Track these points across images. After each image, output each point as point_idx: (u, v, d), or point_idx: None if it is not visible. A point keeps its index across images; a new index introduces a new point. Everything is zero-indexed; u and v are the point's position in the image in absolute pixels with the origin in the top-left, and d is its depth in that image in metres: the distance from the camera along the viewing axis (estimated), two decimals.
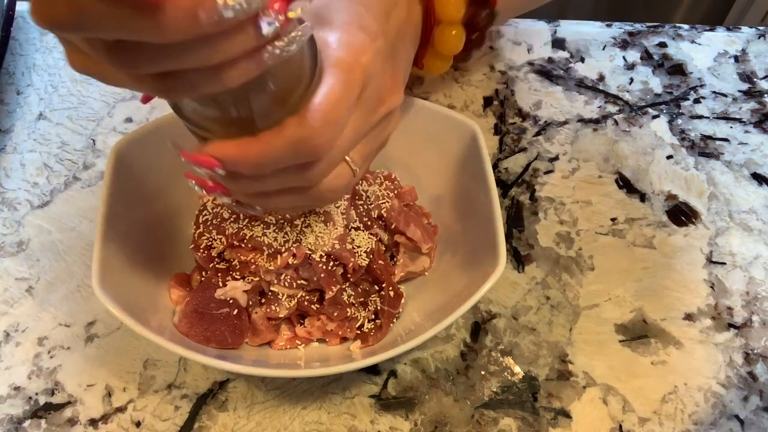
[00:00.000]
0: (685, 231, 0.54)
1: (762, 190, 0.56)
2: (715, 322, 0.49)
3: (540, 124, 0.60)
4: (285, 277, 0.44)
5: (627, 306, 0.50)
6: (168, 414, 0.44)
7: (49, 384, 0.45)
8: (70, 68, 0.61)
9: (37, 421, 0.44)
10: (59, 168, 0.56)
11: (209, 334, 0.43)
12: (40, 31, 0.64)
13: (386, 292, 0.45)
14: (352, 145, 0.33)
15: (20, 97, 0.60)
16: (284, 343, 0.45)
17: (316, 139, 0.29)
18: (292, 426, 0.44)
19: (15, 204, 0.53)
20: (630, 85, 0.63)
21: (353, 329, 0.45)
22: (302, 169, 0.31)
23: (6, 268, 0.50)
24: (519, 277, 0.51)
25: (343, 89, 0.30)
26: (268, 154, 0.29)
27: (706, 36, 0.67)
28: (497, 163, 0.57)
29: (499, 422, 0.45)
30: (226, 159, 0.29)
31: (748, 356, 0.48)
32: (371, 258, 0.45)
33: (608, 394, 0.46)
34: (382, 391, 0.46)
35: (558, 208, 0.55)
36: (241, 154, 0.29)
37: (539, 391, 0.46)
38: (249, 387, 0.46)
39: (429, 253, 0.48)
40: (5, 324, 0.48)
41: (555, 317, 0.49)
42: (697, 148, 0.59)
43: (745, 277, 0.52)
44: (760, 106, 0.62)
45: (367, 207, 0.47)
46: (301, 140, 0.29)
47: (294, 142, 0.29)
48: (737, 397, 0.46)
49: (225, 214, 0.45)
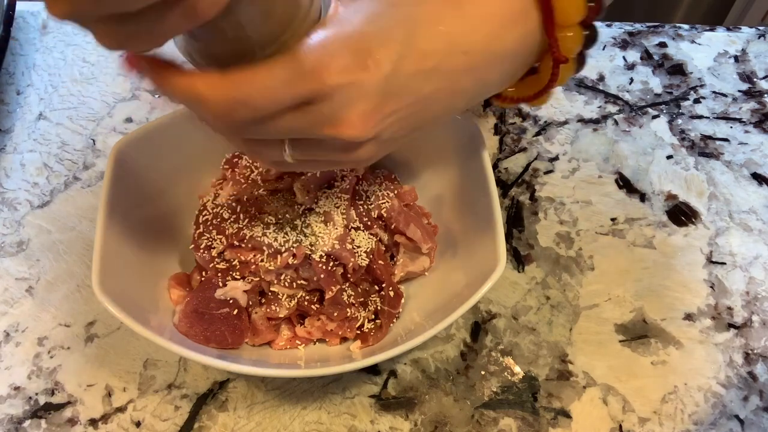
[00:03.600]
0: (685, 231, 0.54)
1: (762, 190, 0.56)
2: (715, 322, 0.49)
3: (540, 124, 0.60)
4: (285, 277, 0.44)
5: (627, 306, 0.50)
6: (168, 414, 0.44)
7: (49, 384, 0.45)
8: (70, 68, 0.62)
9: (37, 421, 0.44)
10: (59, 168, 0.56)
11: (209, 334, 0.43)
12: (40, 31, 0.64)
13: (386, 292, 0.45)
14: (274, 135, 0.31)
15: (20, 97, 0.60)
16: (284, 343, 0.45)
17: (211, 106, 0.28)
18: (292, 426, 0.44)
19: (15, 204, 0.53)
20: (630, 85, 0.63)
21: (353, 329, 0.45)
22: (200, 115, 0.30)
23: (6, 268, 0.50)
24: (519, 277, 0.51)
25: (279, 84, 0.28)
26: (164, 88, 0.29)
27: (706, 36, 0.67)
28: (497, 163, 0.57)
29: (499, 422, 0.45)
30: (145, 70, 0.29)
31: (748, 356, 0.48)
32: (371, 258, 0.45)
33: (608, 394, 0.46)
34: (382, 391, 0.46)
35: (558, 208, 0.55)
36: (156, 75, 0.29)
37: (539, 391, 0.46)
38: (249, 387, 0.46)
39: (429, 253, 0.48)
40: (5, 324, 0.48)
41: (555, 317, 0.49)
42: (697, 148, 0.59)
43: (745, 277, 0.52)
44: (760, 106, 0.62)
45: (367, 207, 0.47)
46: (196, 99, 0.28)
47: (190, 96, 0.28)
48: (737, 397, 0.46)
49: (225, 214, 0.45)
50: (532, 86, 0.39)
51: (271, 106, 0.29)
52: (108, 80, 0.61)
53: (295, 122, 0.30)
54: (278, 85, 0.28)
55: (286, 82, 0.28)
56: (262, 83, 0.28)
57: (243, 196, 0.46)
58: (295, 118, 0.30)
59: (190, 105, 0.29)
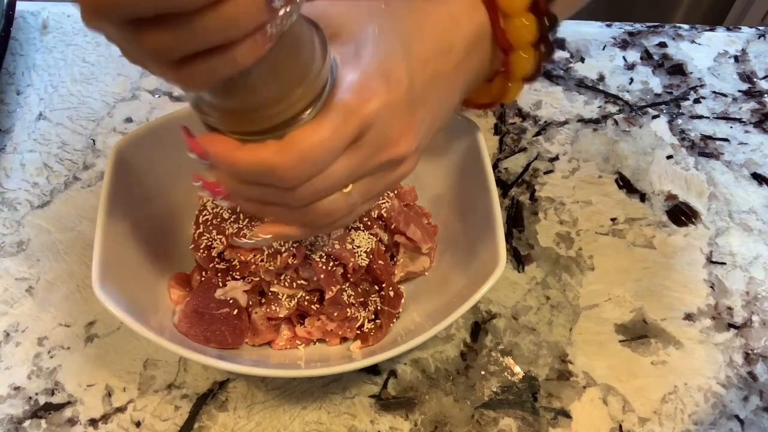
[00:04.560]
0: (685, 231, 0.54)
1: (762, 190, 0.56)
2: (715, 322, 0.49)
3: (540, 124, 0.60)
4: (285, 277, 0.44)
5: (627, 306, 0.50)
6: (168, 414, 0.44)
7: (49, 384, 0.45)
8: (70, 68, 0.62)
9: (37, 421, 0.44)
10: (59, 168, 0.56)
11: (209, 334, 0.43)
12: (40, 31, 0.64)
13: (386, 292, 0.45)
14: (341, 182, 0.33)
15: (20, 97, 0.60)
16: (284, 343, 0.45)
17: (285, 171, 0.30)
18: (292, 426, 0.44)
19: (15, 204, 0.53)
20: (630, 85, 0.63)
21: (353, 329, 0.45)
22: (280, 190, 0.32)
23: (6, 268, 0.50)
24: (519, 277, 0.51)
25: (331, 132, 0.30)
26: (241, 164, 0.30)
27: (706, 36, 0.67)
28: (497, 163, 0.57)
29: (499, 422, 0.45)
30: (210, 151, 0.30)
31: (748, 356, 0.48)
32: (371, 258, 0.45)
33: (608, 394, 0.46)
34: (382, 391, 0.46)
35: (558, 208, 0.55)
36: (221, 152, 0.30)
37: (539, 391, 0.46)
38: (249, 387, 0.46)
39: (429, 253, 0.48)
40: (5, 324, 0.48)
41: (555, 317, 0.49)
42: (697, 148, 0.59)
43: (745, 277, 0.52)
44: (760, 106, 0.62)
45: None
46: (271, 166, 0.30)
47: (265, 166, 0.30)
48: (737, 397, 0.46)
49: (225, 214, 0.45)
50: (498, 84, 0.41)
51: (330, 155, 0.31)
52: (108, 80, 0.61)
53: (354, 161, 0.32)
54: (329, 134, 0.30)
55: (335, 129, 0.30)
56: (316, 137, 0.30)
57: None
58: (351, 158, 0.32)
59: (258, 174, 0.31)
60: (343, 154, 0.32)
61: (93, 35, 0.64)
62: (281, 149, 0.30)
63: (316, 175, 0.31)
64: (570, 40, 0.66)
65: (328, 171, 0.32)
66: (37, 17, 0.66)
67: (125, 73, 0.62)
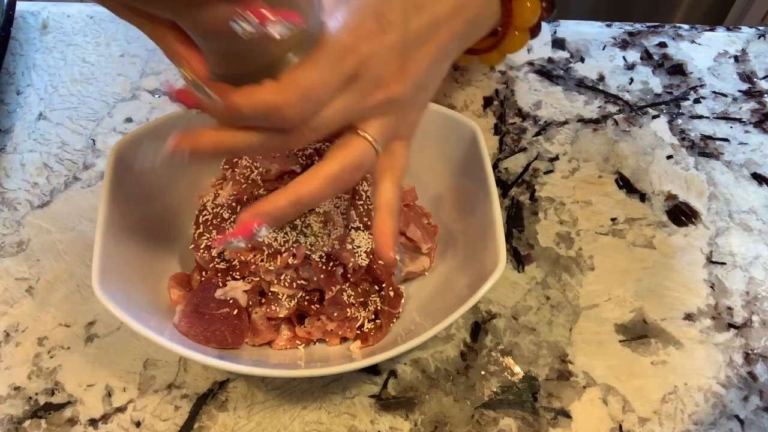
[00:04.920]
0: (685, 231, 0.54)
1: (762, 190, 0.56)
2: (715, 322, 0.49)
3: (540, 124, 0.60)
4: (285, 277, 0.44)
5: (627, 306, 0.50)
6: (168, 414, 0.44)
7: (49, 384, 0.45)
8: (70, 68, 0.61)
9: (37, 421, 0.44)
10: (59, 168, 0.56)
11: (209, 334, 0.43)
12: (40, 31, 0.64)
13: (386, 292, 0.45)
14: (337, 122, 0.33)
15: (20, 97, 0.60)
16: (284, 343, 0.45)
17: (287, 109, 0.30)
18: (292, 426, 0.44)
19: (15, 204, 0.53)
20: (630, 85, 0.63)
21: (353, 329, 0.45)
22: (280, 131, 0.32)
23: (6, 268, 0.50)
24: (519, 277, 0.51)
25: (327, 70, 0.30)
26: (243, 106, 0.30)
27: (706, 36, 0.67)
28: (497, 163, 0.57)
29: (499, 422, 0.45)
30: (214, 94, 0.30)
31: (748, 356, 0.48)
32: (371, 258, 0.45)
33: (608, 394, 0.46)
34: (382, 391, 0.46)
35: (558, 208, 0.55)
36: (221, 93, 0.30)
37: (539, 391, 0.46)
38: (249, 387, 0.46)
39: (429, 253, 0.48)
40: (5, 324, 0.48)
41: (555, 317, 0.49)
42: (697, 148, 0.59)
43: (745, 277, 0.52)
44: (760, 106, 0.62)
45: (367, 207, 0.47)
46: (274, 105, 0.30)
47: (268, 105, 0.30)
48: (737, 397, 0.46)
49: (225, 214, 0.45)
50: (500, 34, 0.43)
51: (327, 92, 0.31)
52: (108, 80, 0.61)
53: (350, 99, 0.32)
54: (327, 71, 0.30)
55: (332, 66, 0.31)
56: (315, 75, 0.30)
57: (243, 196, 0.46)
58: (347, 96, 0.32)
59: (262, 116, 0.31)
60: (338, 93, 0.32)
61: (93, 35, 0.64)
62: (282, 88, 0.30)
63: (314, 114, 0.31)
64: (570, 40, 0.66)
65: (324, 111, 0.32)
66: (37, 17, 0.66)
67: (125, 73, 0.62)
